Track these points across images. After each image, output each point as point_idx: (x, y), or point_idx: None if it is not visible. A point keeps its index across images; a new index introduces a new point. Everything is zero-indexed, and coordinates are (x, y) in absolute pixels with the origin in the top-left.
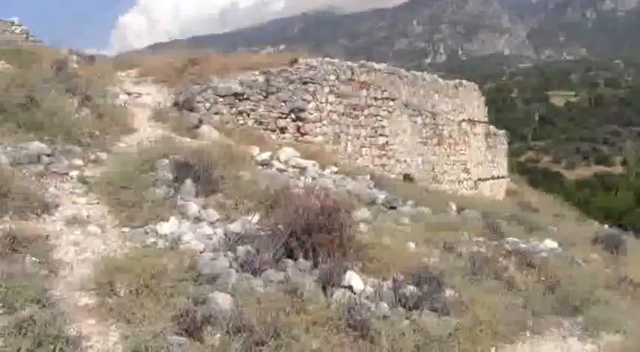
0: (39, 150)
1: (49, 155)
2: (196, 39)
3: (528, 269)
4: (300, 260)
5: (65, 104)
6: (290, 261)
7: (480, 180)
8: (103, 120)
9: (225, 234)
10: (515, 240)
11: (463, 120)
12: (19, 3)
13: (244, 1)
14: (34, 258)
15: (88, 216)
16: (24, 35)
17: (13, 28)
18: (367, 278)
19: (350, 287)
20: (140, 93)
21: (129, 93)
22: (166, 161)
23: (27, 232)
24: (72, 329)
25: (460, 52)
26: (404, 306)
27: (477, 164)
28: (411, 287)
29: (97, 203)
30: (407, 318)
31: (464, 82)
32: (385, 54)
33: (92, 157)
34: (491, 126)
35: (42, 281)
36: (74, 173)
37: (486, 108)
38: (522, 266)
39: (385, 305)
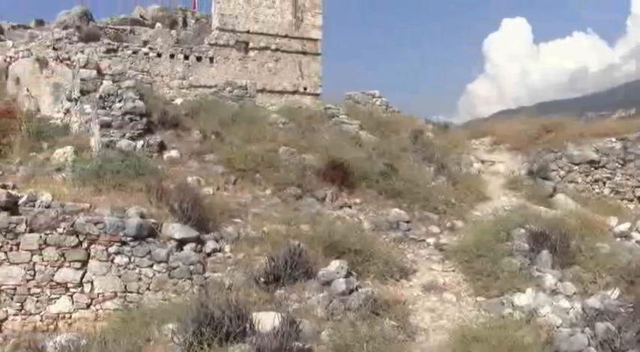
0: (398, 217)
1: (407, 222)
2: (542, 105)
3: None
4: None
5: (422, 172)
6: None
7: None
8: (457, 188)
9: (583, 309)
10: None
11: None
12: (376, 76)
13: (595, 65)
14: (392, 322)
15: (443, 283)
16: (383, 106)
17: (374, 100)
18: None
19: None
20: (493, 161)
21: (482, 161)
22: (522, 230)
23: (387, 296)
24: None
25: None
26: None
27: None
28: None
29: (453, 270)
30: None
31: None
32: None
33: (448, 225)
34: None
35: (400, 346)
36: (430, 240)
37: None
38: None
39: None
